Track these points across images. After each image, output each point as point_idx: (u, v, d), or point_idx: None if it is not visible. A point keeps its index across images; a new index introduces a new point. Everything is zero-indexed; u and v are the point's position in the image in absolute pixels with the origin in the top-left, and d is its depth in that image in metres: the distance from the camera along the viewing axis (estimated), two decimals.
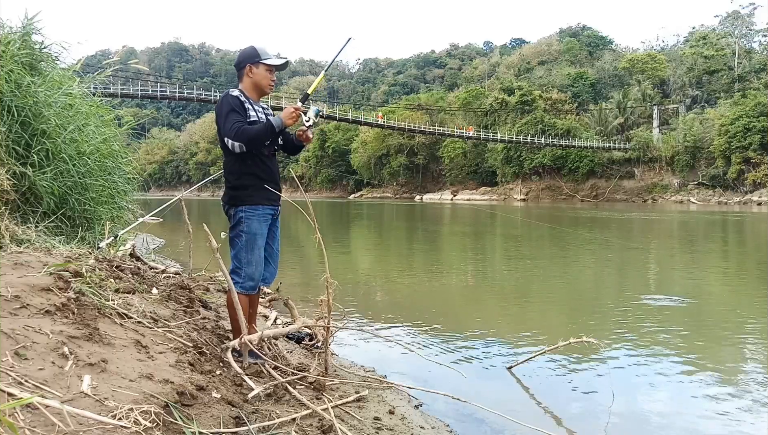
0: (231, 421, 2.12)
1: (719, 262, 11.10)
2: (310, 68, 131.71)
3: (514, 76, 77.37)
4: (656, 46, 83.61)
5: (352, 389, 3.02)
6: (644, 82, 61.94)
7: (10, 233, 3.39)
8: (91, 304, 2.51)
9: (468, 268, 10.09)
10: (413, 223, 24.12)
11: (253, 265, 3.03)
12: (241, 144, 2.91)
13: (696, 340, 4.81)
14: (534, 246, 14.10)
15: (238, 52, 3.20)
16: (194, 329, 3.03)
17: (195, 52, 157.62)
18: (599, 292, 7.48)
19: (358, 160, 77.71)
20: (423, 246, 14.77)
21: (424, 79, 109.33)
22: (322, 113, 3.16)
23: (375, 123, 62.46)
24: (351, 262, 10.80)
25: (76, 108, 4.63)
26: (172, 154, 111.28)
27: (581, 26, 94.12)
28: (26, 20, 4.51)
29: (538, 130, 59.73)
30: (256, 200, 3.04)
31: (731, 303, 6.66)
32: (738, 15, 66.58)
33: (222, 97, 3.07)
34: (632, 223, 22.89)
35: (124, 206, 5.22)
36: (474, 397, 2.96)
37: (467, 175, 69.70)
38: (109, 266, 3.33)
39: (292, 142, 3.22)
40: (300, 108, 3.04)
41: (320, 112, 3.14)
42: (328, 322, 3.18)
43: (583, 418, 3.13)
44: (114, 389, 1.89)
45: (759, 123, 47.02)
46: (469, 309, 6.45)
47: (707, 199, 50.03)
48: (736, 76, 59.37)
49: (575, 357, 4.18)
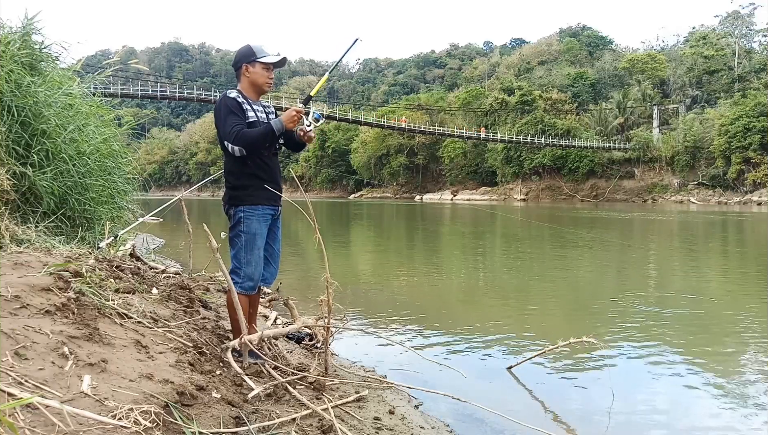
0: (231, 421, 2.12)
1: (719, 262, 11.09)
2: (310, 68, 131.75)
3: (514, 76, 77.33)
4: (656, 46, 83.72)
5: (352, 389, 3.02)
6: (644, 82, 61.93)
7: (10, 233, 3.39)
8: (91, 304, 2.51)
9: (468, 268, 10.09)
10: (413, 223, 24.12)
11: (253, 265, 3.02)
12: (242, 148, 2.90)
13: (696, 340, 4.81)
14: (534, 246, 14.10)
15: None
16: (194, 329, 3.03)
17: (195, 52, 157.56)
18: (599, 292, 7.47)
19: (358, 160, 77.70)
20: (423, 246, 14.77)
21: (424, 79, 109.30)
22: (323, 117, 3.11)
23: (375, 123, 62.49)
24: (351, 262, 10.80)
25: (76, 108, 4.63)
26: (172, 154, 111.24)
27: (581, 26, 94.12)
28: (26, 20, 4.51)
29: (538, 130, 59.73)
30: (256, 200, 3.02)
31: (731, 303, 6.66)
32: (738, 15, 66.57)
33: (219, 100, 3.02)
34: (632, 223, 22.89)
35: (124, 206, 5.22)
36: (474, 397, 2.96)
37: (467, 175, 69.71)
38: (109, 266, 3.33)
39: (295, 140, 3.17)
40: (301, 110, 3.02)
41: (322, 117, 3.10)
42: (328, 322, 3.18)
43: (583, 418, 3.13)
44: (114, 389, 1.89)
45: (759, 123, 47.02)
46: (469, 309, 6.45)
47: (707, 199, 50.02)
48: (736, 76, 59.35)
49: (575, 357, 4.18)
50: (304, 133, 3.10)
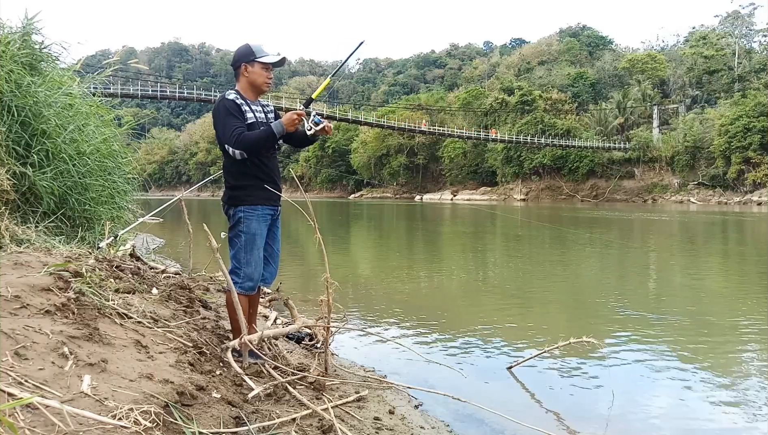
0: (231, 421, 2.12)
1: (719, 262, 11.09)
2: (310, 68, 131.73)
3: (514, 76, 77.35)
4: (656, 46, 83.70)
5: (352, 389, 3.02)
6: (644, 82, 61.92)
7: (10, 233, 3.39)
8: (91, 304, 2.50)
9: (468, 268, 10.09)
10: (413, 224, 24.12)
11: (252, 266, 3.03)
12: (243, 151, 2.90)
13: (696, 340, 4.81)
14: (534, 246, 14.10)
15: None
16: (194, 329, 3.03)
17: (195, 52, 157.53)
18: (599, 292, 7.47)
19: (358, 160, 77.69)
20: (423, 246, 14.77)
21: (424, 79, 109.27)
22: (324, 119, 3.07)
23: (375, 123, 62.50)
24: (351, 262, 10.80)
25: (76, 108, 4.63)
26: (172, 154, 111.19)
27: (581, 26, 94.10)
28: (26, 20, 4.51)
29: (538, 130, 59.73)
30: (256, 200, 3.02)
31: (732, 303, 6.66)
32: (738, 15, 66.55)
33: (218, 102, 2.99)
34: (632, 224, 22.88)
35: (124, 206, 5.22)
36: (474, 397, 2.96)
37: (467, 175, 69.71)
38: (109, 266, 3.33)
39: (299, 138, 3.10)
40: (302, 112, 3.01)
41: (322, 119, 3.04)
42: (328, 322, 3.18)
43: (583, 418, 3.13)
44: (114, 389, 1.89)
45: (759, 123, 47.01)
46: (469, 309, 6.45)
47: (707, 199, 50.01)
48: (736, 76, 59.32)
49: (575, 357, 4.18)
50: (324, 128, 3.02)
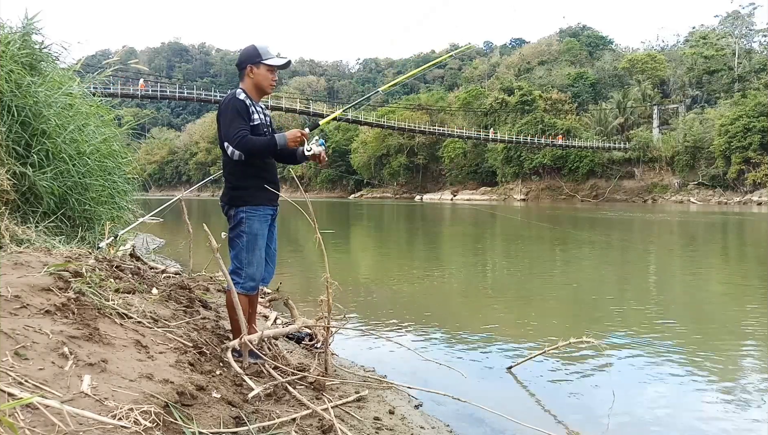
0: (231, 421, 2.12)
1: (720, 262, 11.09)
2: (310, 68, 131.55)
3: (514, 76, 77.29)
4: (656, 46, 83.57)
5: (352, 389, 3.02)
6: (644, 82, 61.90)
7: (10, 233, 3.39)
8: (91, 304, 2.50)
9: (468, 269, 10.09)
10: (413, 224, 24.12)
11: (254, 266, 3.03)
12: (242, 153, 2.91)
13: (696, 340, 4.81)
14: (534, 246, 14.10)
15: (240, 51, 3.16)
16: (194, 329, 3.03)
17: (195, 52, 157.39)
18: (600, 292, 7.47)
19: (358, 160, 77.68)
20: (423, 246, 14.77)
21: (424, 79, 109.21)
22: (324, 147, 3.12)
23: (375, 123, 62.48)
24: (351, 262, 10.80)
25: (76, 108, 4.63)
26: (172, 154, 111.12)
27: (581, 26, 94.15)
28: (26, 20, 4.51)
29: (538, 130, 59.72)
30: (258, 201, 3.03)
31: (732, 303, 6.66)
32: (738, 15, 66.55)
33: (229, 100, 3.00)
34: (632, 224, 22.89)
35: (124, 206, 5.22)
36: (474, 397, 2.96)
37: (467, 175, 69.70)
38: (109, 266, 3.33)
39: (290, 154, 3.15)
40: (306, 133, 3.05)
41: (323, 146, 3.09)
42: (328, 322, 3.18)
43: (583, 418, 3.13)
44: (114, 389, 1.89)
45: (759, 123, 47.02)
46: (469, 309, 6.45)
47: (707, 199, 50.02)
48: (736, 76, 59.32)
49: (575, 357, 4.18)
50: (319, 156, 3.09)
